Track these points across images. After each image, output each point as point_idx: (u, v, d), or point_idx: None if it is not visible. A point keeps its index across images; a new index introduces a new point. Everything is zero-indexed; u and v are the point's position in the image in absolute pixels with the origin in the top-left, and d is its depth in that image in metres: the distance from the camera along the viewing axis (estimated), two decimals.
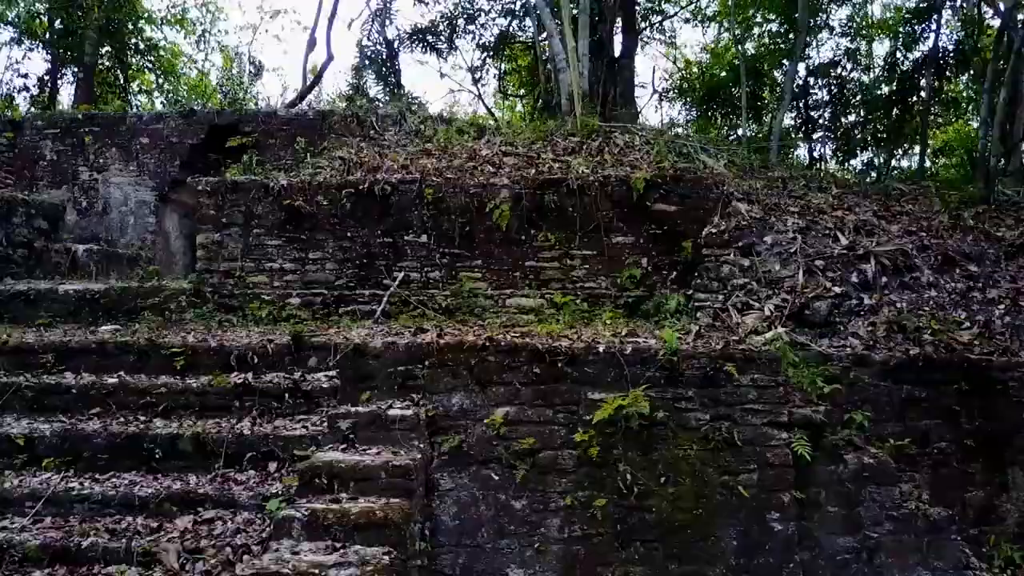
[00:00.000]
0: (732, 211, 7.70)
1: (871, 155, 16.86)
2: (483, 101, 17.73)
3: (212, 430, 5.41)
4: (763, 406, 5.24)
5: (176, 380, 5.94)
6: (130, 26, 17.32)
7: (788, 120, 17.73)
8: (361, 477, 4.79)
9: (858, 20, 17.06)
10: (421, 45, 16.44)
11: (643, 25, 17.37)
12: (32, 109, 16.35)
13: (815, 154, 17.53)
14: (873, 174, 16.36)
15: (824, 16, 16.46)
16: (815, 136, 17.50)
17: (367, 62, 16.53)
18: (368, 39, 16.52)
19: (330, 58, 15.26)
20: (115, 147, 11.22)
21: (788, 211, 7.83)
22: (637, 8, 16.01)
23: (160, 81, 19.26)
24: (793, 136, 18.01)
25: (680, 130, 14.54)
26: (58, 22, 18.99)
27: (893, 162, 17.35)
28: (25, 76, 21.35)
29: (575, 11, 11.49)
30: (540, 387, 5.28)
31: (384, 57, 16.47)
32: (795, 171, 10.24)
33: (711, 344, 5.55)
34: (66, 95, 22.46)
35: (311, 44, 15.63)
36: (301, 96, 15.49)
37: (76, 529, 4.73)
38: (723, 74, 18.12)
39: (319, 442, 5.29)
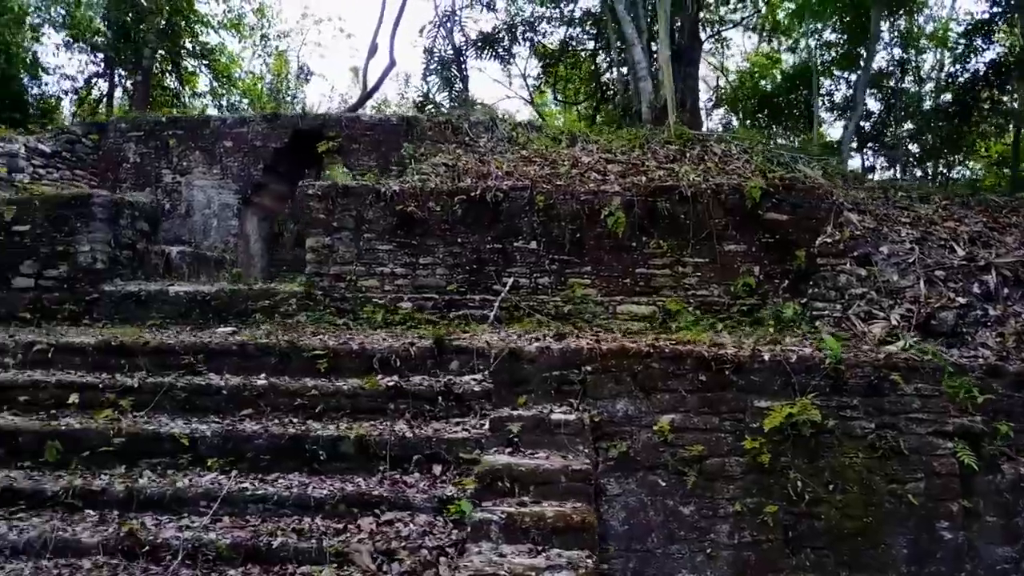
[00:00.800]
0: (844, 221, 7.75)
1: (927, 165, 16.91)
2: (534, 107, 17.81)
3: (374, 432, 5.46)
4: (927, 415, 5.28)
5: (325, 382, 5.99)
6: (186, 29, 17.41)
7: (838, 131, 17.80)
8: (541, 481, 4.84)
9: (914, 31, 17.13)
10: (485, 51, 16.53)
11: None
12: (105, 112, 16.40)
13: (865, 164, 17.59)
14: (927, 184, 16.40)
15: (886, 25, 16.51)
16: (867, 146, 17.55)
17: (436, 67, 16.61)
18: (434, 45, 16.69)
19: (392, 64, 15.40)
20: (198, 150, 11.32)
21: (899, 222, 7.88)
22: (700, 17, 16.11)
23: (213, 84, 19.38)
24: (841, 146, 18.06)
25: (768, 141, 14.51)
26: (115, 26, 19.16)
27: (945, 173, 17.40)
28: (72, 79, 21.58)
29: (646, 20, 11.56)
30: (706, 394, 5.33)
31: (451, 63, 16.56)
32: (896, 182, 10.29)
33: (872, 353, 5.59)
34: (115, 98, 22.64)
35: (372, 50, 15.74)
36: (361, 100, 15.61)
37: (262, 529, 4.78)
38: (770, 85, 18.19)
39: (482, 445, 5.34)
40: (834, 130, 18.44)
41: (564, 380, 5.58)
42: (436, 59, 16.13)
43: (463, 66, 16.55)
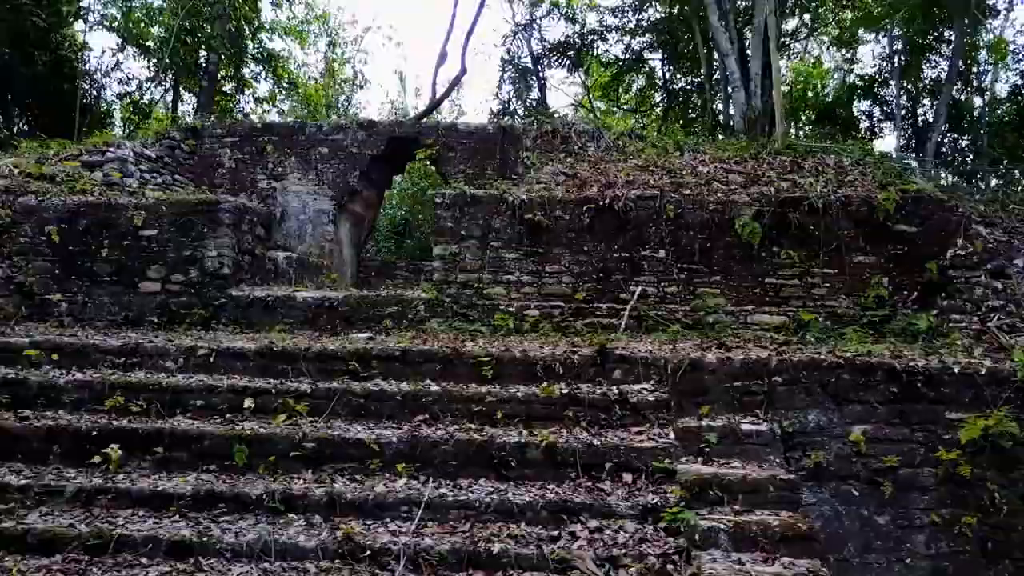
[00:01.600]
0: (973, 233, 7.81)
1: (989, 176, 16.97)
2: (594, 114, 17.93)
3: (560, 440, 5.52)
4: None
5: (499, 389, 6.06)
6: (250, 35, 17.56)
7: (893, 141, 17.86)
8: (750, 490, 4.90)
9: (975, 42, 17.21)
10: (558, 60, 16.65)
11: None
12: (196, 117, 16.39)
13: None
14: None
15: (944, 34, 16.61)
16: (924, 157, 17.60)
17: (513, 76, 16.71)
18: (511, 54, 16.78)
19: (463, 71, 15.51)
20: (294, 156, 11.42)
21: None
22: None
23: (274, 90, 19.54)
24: (898, 156, 18.13)
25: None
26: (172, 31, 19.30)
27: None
28: (125, 83, 21.73)
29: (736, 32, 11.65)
30: (896, 406, 5.39)
31: (529, 72, 16.67)
32: (1010, 195, 10.36)
33: None
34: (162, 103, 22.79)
35: (442, 58, 15.88)
36: (431, 108, 15.72)
37: (477, 534, 4.83)
38: (831, 95, 18.29)
39: (671, 454, 5.39)
40: (889, 140, 18.45)
41: (746, 391, 5.65)
42: (513, 67, 16.21)
43: (541, 74, 16.70)
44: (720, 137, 11.34)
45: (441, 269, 8.25)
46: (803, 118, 18.72)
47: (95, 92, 19.40)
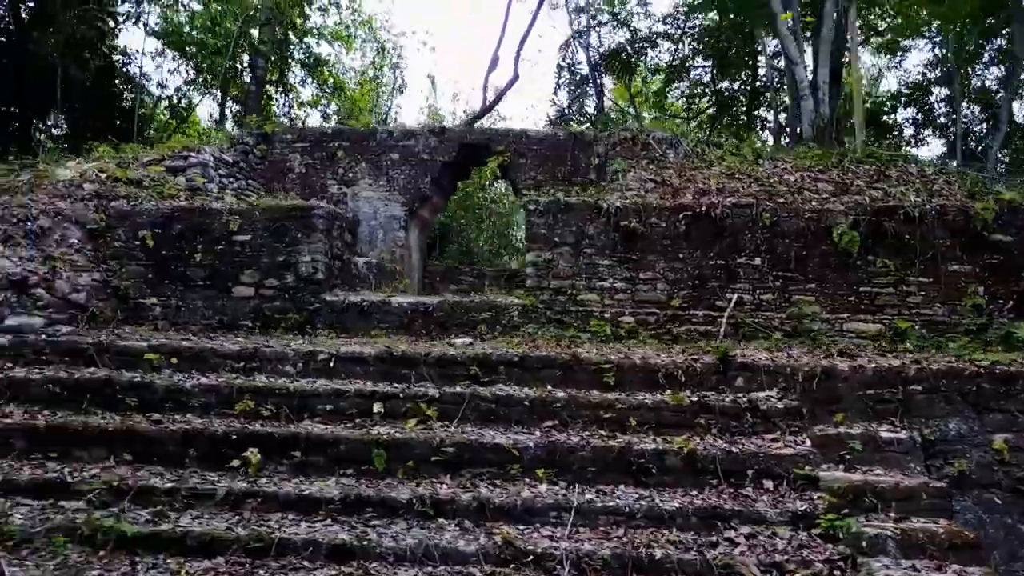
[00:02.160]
0: None
1: None
2: (639, 121, 17.98)
3: (699, 447, 5.57)
4: None
5: (626, 396, 6.12)
6: (296, 40, 17.67)
7: (938, 148, 17.90)
8: (903, 497, 4.95)
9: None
10: (613, 67, 16.74)
11: None
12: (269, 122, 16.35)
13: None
14: None
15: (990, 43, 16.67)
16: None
17: (569, 81, 16.79)
18: (567, 61, 16.89)
19: (516, 77, 15.61)
20: (364, 162, 11.49)
21: None
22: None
23: (317, 94, 19.62)
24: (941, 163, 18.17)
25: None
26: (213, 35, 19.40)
27: None
28: (163, 86, 21.84)
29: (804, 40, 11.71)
30: None
31: (587, 79, 16.78)
32: None
33: None
34: (205, 108, 22.90)
35: (493, 63, 15.97)
36: (482, 112, 15.82)
37: (636, 540, 4.88)
38: (872, 102, 18.34)
39: (810, 461, 5.44)
40: (931, 148, 18.49)
41: (879, 399, 5.70)
42: (570, 74, 16.31)
43: (599, 81, 16.77)
44: (782, 144, 11.36)
45: (534, 275, 8.31)
46: (846, 126, 18.74)
47: (143, 98, 19.49)
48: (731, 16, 15.85)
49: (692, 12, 15.97)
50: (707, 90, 17.65)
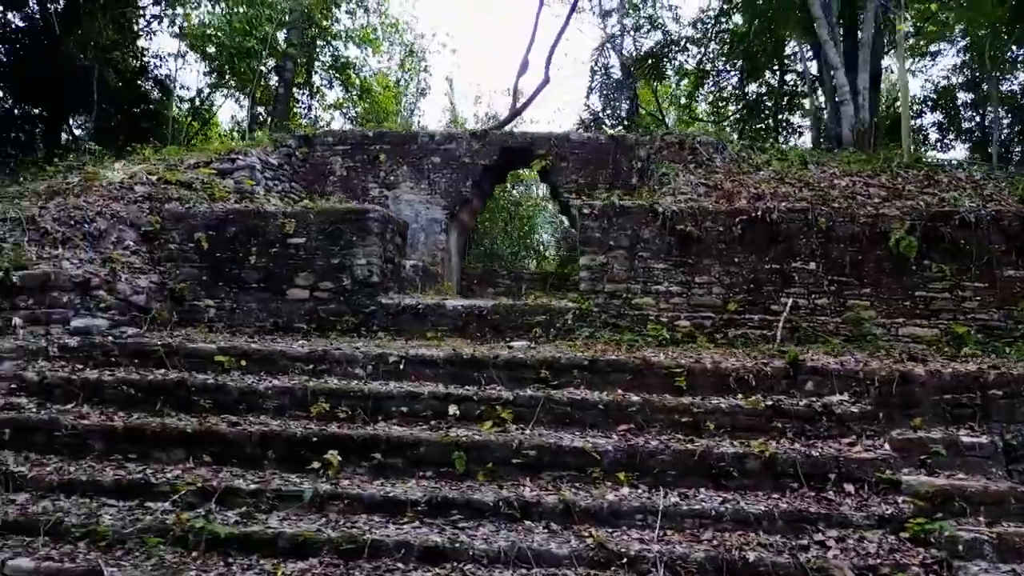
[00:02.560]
0: None
1: None
2: (666, 124, 18.06)
3: (779, 451, 5.60)
4: None
5: (699, 400, 6.16)
6: (323, 42, 17.74)
7: (961, 152, 17.93)
8: (991, 501, 4.98)
9: None
10: (642, 71, 16.81)
11: None
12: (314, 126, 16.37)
13: None
14: None
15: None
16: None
17: (602, 85, 16.86)
18: (599, 64, 16.96)
19: (546, 81, 15.67)
20: (406, 165, 11.55)
21: None
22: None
23: (343, 96, 19.68)
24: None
25: None
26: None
27: None
28: (186, 88, 21.90)
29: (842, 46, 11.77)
30: None
31: (620, 83, 16.85)
32: None
33: None
34: (227, 111, 22.92)
35: (524, 67, 16.02)
36: (513, 115, 15.88)
37: (727, 543, 4.91)
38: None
39: (891, 465, 5.47)
40: (955, 153, 18.53)
41: (956, 403, 5.74)
42: (606, 77, 16.37)
43: (633, 85, 16.83)
44: (823, 149, 11.39)
45: (588, 279, 8.34)
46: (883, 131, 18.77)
47: (168, 100, 19.58)
48: (757, 21, 15.91)
49: (722, 16, 16.03)
50: (734, 94, 17.69)
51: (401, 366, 6.71)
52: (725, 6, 15.72)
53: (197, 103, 22.69)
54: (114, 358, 6.95)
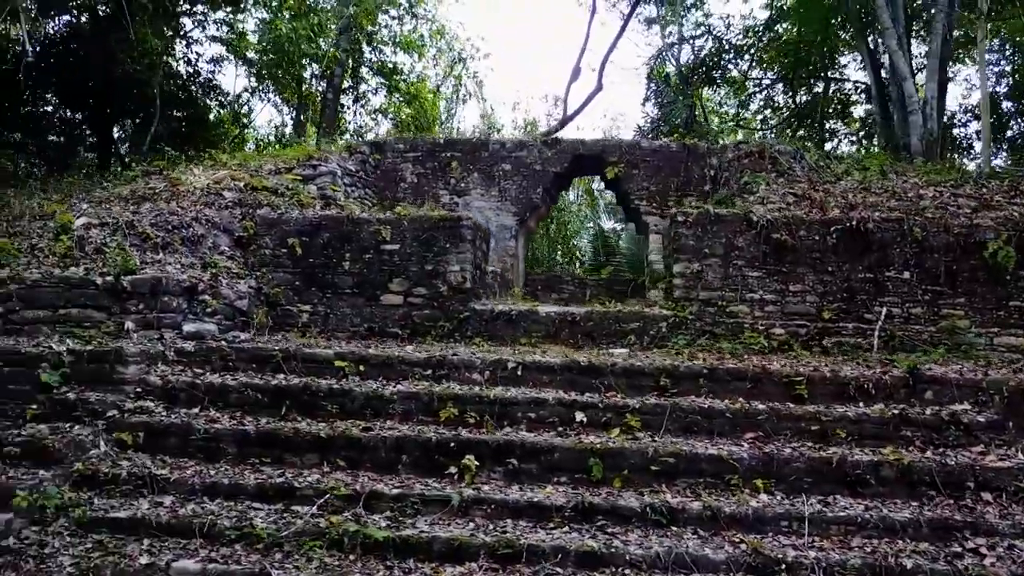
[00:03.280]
0: None
1: None
2: (711, 132, 18.13)
3: (915, 459, 5.66)
4: None
5: (824, 408, 6.22)
6: (369, 49, 17.87)
7: (1006, 162, 17.94)
8: None
9: None
10: (703, 78, 16.92)
11: None
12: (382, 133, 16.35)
13: None
14: None
15: None
16: None
17: (658, 92, 16.97)
18: (653, 71, 17.03)
19: (599, 88, 15.78)
20: (477, 172, 11.65)
21: None
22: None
23: (388, 102, 19.80)
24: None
25: None
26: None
27: None
28: (226, 94, 22.05)
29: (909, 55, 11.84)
30: None
31: (679, 90, 16.95)
32: None
33: None
34: (264, 116, 23.04)
35: (575, 74, 16.14)
36: (564, 122, 16.00)
37: (879, 550, 4.97)
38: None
39: None
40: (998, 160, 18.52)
41: None
42: (666, 85, 16.46)
43: (690, 92, 16.93)
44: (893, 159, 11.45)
45: (682, 287, 8.41)
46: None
47: (211, 103, 19.72)
48: (806, 29, 16.00)
49: (772, 24, 16.10)
50: (783, 100, 17.77)
51: (519, 372, 6.78)
52: (774, 14, 15.81)
53: (236, 107, 22.81)
54: (231, 362, 7.04)
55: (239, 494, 5.63)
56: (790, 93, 16.62)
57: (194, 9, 18.06)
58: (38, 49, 17.57)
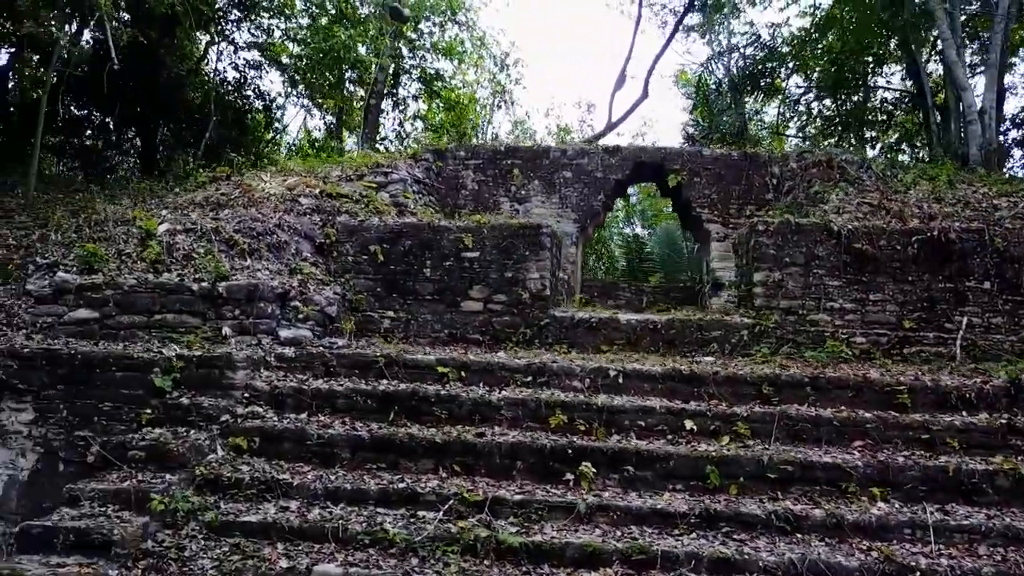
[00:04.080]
0: None
1: None
2: (755, 141, 18.20)
3: None
4: None
5: (928, 417, 6.29)
6: (407, 56, 18.00)
7: None
8: None
9: None
10: (752, 87, 17.01)
11: None
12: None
13: None
14: None
15: None
16: None
17: (706, 101, 17.09)
18: (701, 80, 17.15)
19: (644, 96, 15.88)
20: (537, 179, 11.75)
21: None
22: None
23: (423, 110, 19.92)
24: None
25: None
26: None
27: None
28: (272, 99, 22.20)
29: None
30: None
31: (728, 98, 17.06)
32: None
33: None
34: (295, 123, 23.11)
35: (620, 82, 16.25)
36: (607, 129, 16.12)
37: (1010, 557, 5.04)
38: None
39: None
40: None
41: None
42: (717, 93, 16.57)
43: (740, 101, 17.05)
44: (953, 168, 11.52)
45: (762, 295, 8.48)
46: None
47: (246, 109, 19.88)
48: (850, 38, 16.10)
49: (817, 34, 16.19)
50: (818, 108, 17.81)
51: (620, 380, 6.86)
52: (820, 23, 15.92)
53: (272, 113, 22.94)
54: (333, 368, 7.13)
55: (362, 499, 5.71)
56: (833, 101, 16.68)
57: (235, 15, 18.22)
58: (76, 53, 17.77)
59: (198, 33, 17.66)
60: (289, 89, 22.63)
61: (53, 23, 12.52)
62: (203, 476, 5.81)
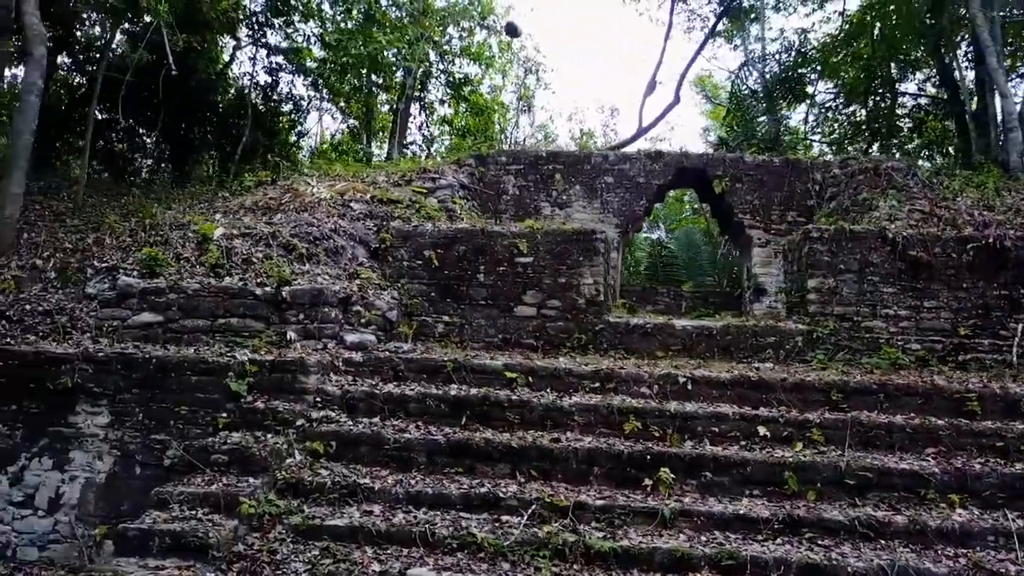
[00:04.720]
0: None
1: None
2: (789, 147, 18.22)
3: None
4: None
5: (999, 424, 6.33)
6: (434, 60, 18.07)
7: None
8: None
9: None
10: (785, 93, 17.06)
11: None
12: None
13: None
14: None
15: None
16: None
17: (739, 107, 17.14)
18: (734, 86, 17.24)
19: (676, 101, 15.98)
20: (578, 185, 11.80)
21: None
22: None
23: (449, 115, 19.99)
24: None
25: None
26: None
27: None
28: (300, 104, 22.25)
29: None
30: None
31: (763, 105, 17.12)
32: None
33: None
34: (313, 126, 23.14)
35: (650, 87, 16.35)
36: (639, 134, 16.21)
37: None
38: None
39: None
40: None
41: None
42: (754, 99, 16.63)
43: (775, 108, 17.09)
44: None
45: (817, 302, 8.52)
46: None
47: (272, 114, 19.97)
48: (880, 44, 16.14)
49: (849, 39, 16.21)
50: (845, 114, 17.84)
51: (689, 386, 6.91)
52: (852, 29, 15.97)
53: (296, 118, 23.01)
54: (401, 372, 7.19)
55: (444, 503, 5.76)
56: (863, 107, 16.73)
57: (261, 20, 18.32)
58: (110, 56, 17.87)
59: (227, 36, 17.66)
60: (312, 93, 22.74)
61: (97, 26, 12.58)
62: (284, 480, 5.87)
